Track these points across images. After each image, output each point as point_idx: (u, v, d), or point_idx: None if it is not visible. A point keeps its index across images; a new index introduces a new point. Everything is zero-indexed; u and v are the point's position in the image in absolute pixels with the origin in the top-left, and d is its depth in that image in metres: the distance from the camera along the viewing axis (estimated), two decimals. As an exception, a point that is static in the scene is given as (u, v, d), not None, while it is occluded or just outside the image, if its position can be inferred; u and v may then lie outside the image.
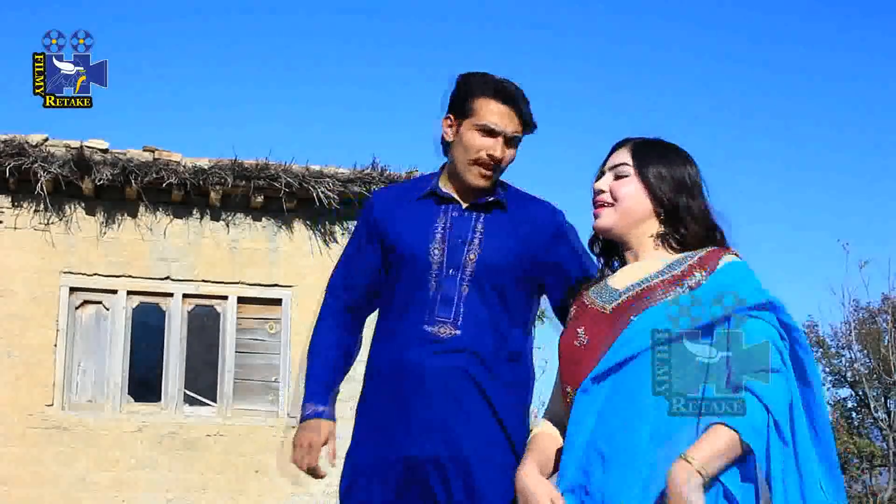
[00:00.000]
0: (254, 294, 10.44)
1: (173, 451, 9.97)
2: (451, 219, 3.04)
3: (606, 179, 2.64)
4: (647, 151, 2.62)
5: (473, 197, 3.06)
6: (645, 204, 2.58)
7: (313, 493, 10.10)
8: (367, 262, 3.13)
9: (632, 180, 2.59)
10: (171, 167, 10.00)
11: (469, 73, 3.08)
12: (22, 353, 9.85)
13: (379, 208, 3.13)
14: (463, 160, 3.01)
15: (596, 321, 2.52)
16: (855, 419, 23.68)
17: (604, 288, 2.59)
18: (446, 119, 3.08)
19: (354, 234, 3.19)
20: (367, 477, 3.05)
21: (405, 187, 3.20)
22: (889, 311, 21.54)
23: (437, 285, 2.98)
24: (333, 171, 10.39)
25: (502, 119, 2.97)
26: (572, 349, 2.53)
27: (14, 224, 10.02)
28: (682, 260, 2.55)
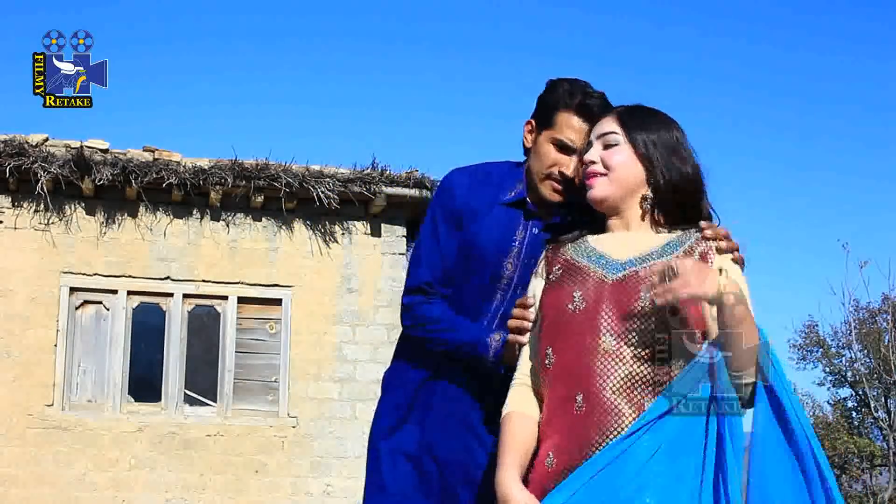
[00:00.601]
0: (254, 294, 10.44)
1: (173, 451, 9.97)
2: (531, 235, 2.94)
3: (596, 149, 2.59)
4: (633, 118, 2.58)
5: (548, 213, 2.94)
6: (637, 171, 2.54)
7: (313, 493, 10.10)
8: (450, 249, 2.97)
9: (622, 148, 2.55)
10: (171, 167, 10.00)
11: (560, 80, 2.94)
12: (22, 353, 9.85)
13: (461, 196, 2.97)
14: (537, 171, 2.90)
15: (596, 289, 2.45)
16: (855, 419, 23.67)
17: (594, 253, 2.54)
18: (528, 124, 2.97)
19: (432, 222, 3.00)
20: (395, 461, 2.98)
21: (490, 178, 3.01)
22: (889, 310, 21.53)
23: (503, 300, 2.92)
24: (333, 171, 10.39)
25: (580, 136, 2.82)
26: (562, 311, 2.47)
27: (14, 224, 10.02)
28: (679, 241, 2.51)
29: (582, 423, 2.38)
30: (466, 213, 2.95)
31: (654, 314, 2.39)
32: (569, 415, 2.41)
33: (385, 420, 3.04)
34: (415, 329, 2.97)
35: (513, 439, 2.51)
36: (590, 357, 2.41)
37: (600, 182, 2.56)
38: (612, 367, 2.39)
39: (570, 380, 2.43)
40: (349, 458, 10.15)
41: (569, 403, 2.41)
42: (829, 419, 23.39)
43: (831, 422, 23.21)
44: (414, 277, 3.00)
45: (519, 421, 2.54)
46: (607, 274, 2.48)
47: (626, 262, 2.48)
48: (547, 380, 2.49)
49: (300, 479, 10.12)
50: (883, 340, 21.89)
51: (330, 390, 10.38)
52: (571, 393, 2.41)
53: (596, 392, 2.38)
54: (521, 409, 2.55)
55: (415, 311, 2.96)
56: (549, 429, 2.47)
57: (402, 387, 3.03)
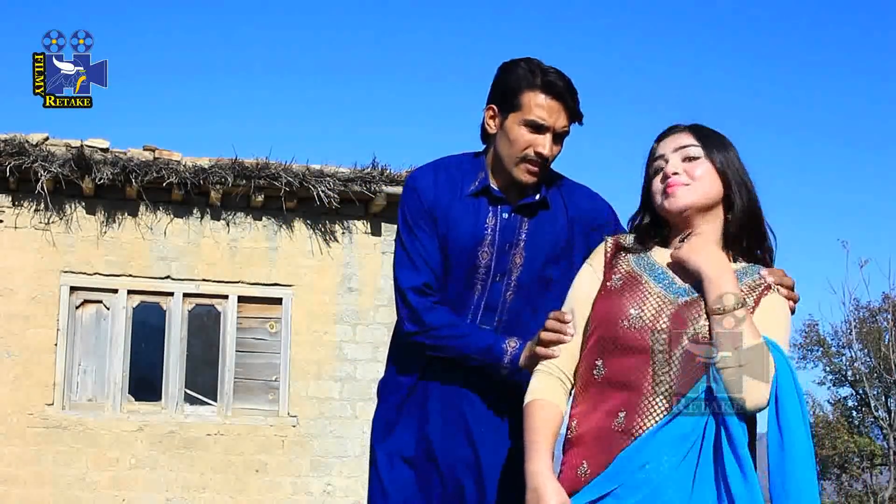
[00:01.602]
0: (254, 293, 10.43)
1: (173, 451, 9.97)
2: (501, 220, 2.91)
3: (676, 161, 2.54)
4: (708, 136, 2.56)
5: (519, 194, 2.93)
6: (718, 186, 2.51)
7: (313, 492, 10.10)
8: (435, 248, 2.92)
9: (704, 162, 2.52)
10: (172, 166, 10.00)
11: (515, 62, 2.90)
12: (22, 353, 9.85)
13: (429, 195, 2.93)
14: (509, 156, 2.87)
15: (655, 310, 2.42)
16: (855, 418, 23.67)
17: (657, 269, 2.51)
18: (489, 109, 2.92)
19: (409, 224, 2.94)
20: (418, 471, 2.93)
21: (450, 173, 2.98)
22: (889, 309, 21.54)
23: (483, 290, 2.90)
24: (334, 171, 10.39)
25: (551, 114, 2.82)
26: (618, 326, 2.43)
27: (14, 223, 10.01)
28: (743, 273, 2.50)
29: (619, 439, 2.37)
30: (437, 210, 2.92)
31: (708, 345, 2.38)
32: (607, 428, 2.39)
33: (381, 426, 3.00)
34: (421, 336, 2.88)
35: (542, 427, 2.47)
36: (639, 378, 2.39)
37: (683, 191, 2.51)
38: (656, 388, 2.38)
39: (616, 396, 2.41)
40: (349, 457, 10.15)
41: (610, 417, 2.40)
42: (830, 418, 23.39)
43: (831, 421, 23.21)
44: (409, 279, 2.91)
45: (548, 409, 2.49)
46: (669, 297, 2.45)
47: (690, 287, 2.46)
48: (591, 389, 2.46)
49: (300, 478, 10.12)
50: (883, 339, 21.89)
51: (330, 389, 10.38)
52: (615, 409, 2.40)
53: (639, 412, 2.37)
54: (548, 397, 2.51)
55: (422, 316, 2.88)
56: (584, 437, 2.44)
57: (395, 392, 2.99)
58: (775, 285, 2.50)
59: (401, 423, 2.96)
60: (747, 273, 2.51)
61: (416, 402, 2.95)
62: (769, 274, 2.52)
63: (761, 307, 2.45)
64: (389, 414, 2.99)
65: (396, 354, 3.04)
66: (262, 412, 10.31)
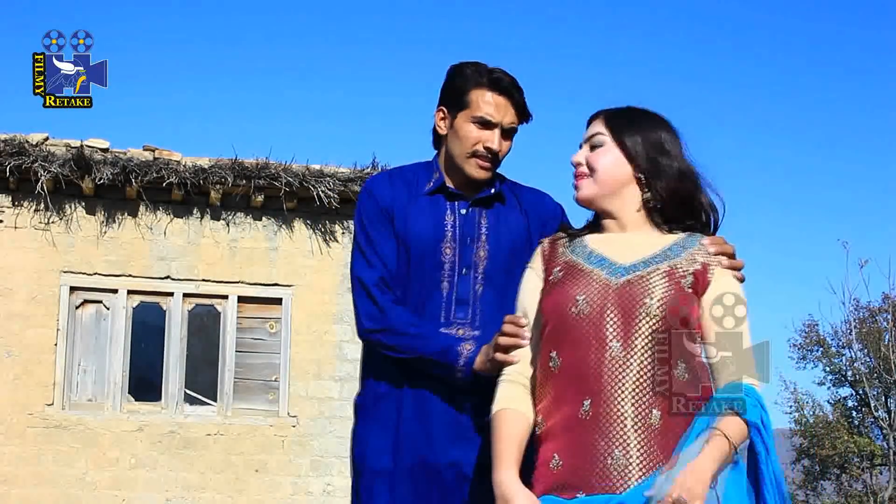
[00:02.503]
0: (254, 293, 10.43)
1: (173, 451, 9.97)
2: (460, 216, 2.97)
3: (583, 152, 2.60)
4: (621, 119, 2.59)
5: (475, 191, 3.00)
6: (624, 169, 2.55)
7: (313, 492, 10.10)
8: (391, 249, 2.94)
9: (608, 149, 2.56)
10: (172, 166, 10.00)
11: (461, 64, 3.00)
12: (22, 353, 9.85)
13: (384, 197, 2.97)
14: (460, 153, 2.94)
15: (600, 293, 2.45)
16: (855, 418, 23.67)
17: (594, 255, 2.53)
18: (439, 111, 3.00)
19: (364, 225, 2.97)
20: (392, 480, 2.91)
21: (405, 177, 3.03)
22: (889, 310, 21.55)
23: (451, 285, 2.92)
24: (333, 171, 10.39)
25: (498, 110, 2.91)
26: (566, 314, 2.45)
27: (14, 223, 10.02)
28: (681, 245, 2.52)
29: (588, 428, 2.38)
30: (394, 210, 2.96)
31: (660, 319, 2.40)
32: (574, 418, 2.40)
33: (367, 445, 2.97)
34: (379, 334, 2.89)
35: (509, 436, 2.49)
36: (597, 363, 2.40)
37: (585, 183, 2.58)
38: (619, 373, 2.38)
39: (576, 384, 2.41)
40: (349, 457, 10.13)
41: (574, 407, 2.40)
42: (830, 418, 23.39)
43: (831, 421, 23.21)
44: (370, 275, 2.92)
45: (514, 417, 2.51)
46: (611, 278, 2.47)
47: (630, 266, 2.48)
48: (551, 382, 2.47)
49: (300, 478, 10.12)
50: (883, 340, 21.89)
51: (330, 389, 10.38)
52: (578, 397, 2.40)
53: (604, 398, 2.38)
54: (514, 405, 2.53)
55: (384, 312, 2.88)
56: (552, 430, 2.45)
57: (374, 406, 2.97)
58: (717, 258, 2.51)
59: (389, 438, 2.92)
60: (687, 243, 2.53)
61: (399, 413, 2.92)
62: (710, 244, 2.53)
63: (711, 287, 2.46)
64: (374, 430, 2.96)
65: (369, 366, 3.02)
66: (262, 412, 10.31)
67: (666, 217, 2.56)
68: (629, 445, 2.35)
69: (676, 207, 2.55)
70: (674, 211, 2.56)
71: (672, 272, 2.46)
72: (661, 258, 2.49)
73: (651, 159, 2.54)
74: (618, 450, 2.35)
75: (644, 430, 2.35)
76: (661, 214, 2.56)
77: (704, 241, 2.54)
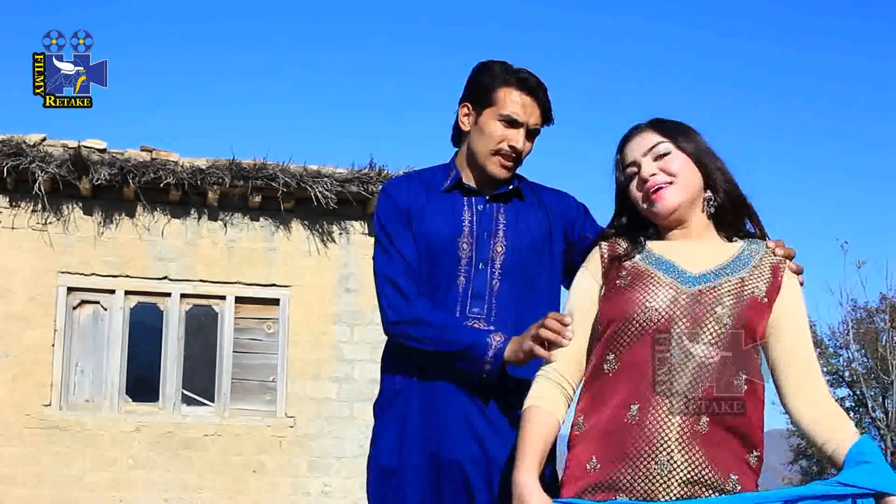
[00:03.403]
0: (252, 294, 10.43)
1: (171, 451, 9.96)
2: (477, 212, 2.97)
3: (649, 163, 2.52)
4: (669, 128, 2.56)
5: (493, 187, 2.99)
6: (697, 175, 2.52)
7: (311, 492, 10.10)
8: (412, 247, 2.95)
9: (677, 155, 2.52)
10: (169, 167, 10.00)
11: (490, 62, 3.00)
12: (20, 353, 9.85)
13: (402, 198, 2.99)
14: (483, 150, 2.95)
15: (671, 300, 2.40)
16: (853, 419, 23.68)
17: (663, 261, 2.49)
18: (463, 107, 3.01)
19: (384, 225, 2.98)
20: (398, 479, 2.90)
21: (423, 178, 3.06)
22: (887, 310, 21.58)
23: (468, 280, 2.92)
24: (331, 171, 10.39)
25: (525, 110, 2.92)
26: (633, 319, 2.41)
27: (12, 224, 10.01)
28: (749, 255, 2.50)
29: (633, 432, 2.35)
30: (412, 211, 2.97)
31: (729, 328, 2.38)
32: (619, 422, 2.37)
33: (379, 443, 2.97)
34: (405, 326, 2.89)
35: (534, 437, 2.45)
36: (654, 370, 2.37)
37: (670, 191, 2.50)
38: (676, 379, 2.35)
39: (629, 389, 2.38)
40: (347, 457, 10.15)
41: (622, 411, 2.37)
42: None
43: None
44: (395, 270, 2.93)
45: (544, 418, 2.47)
46: (682, 286, 2.44)
47: (700, 275, 2.46)
48: (601, 383, 2.44)
49: (298, 478, 10.12)
50: (880, 340, 21.92)
51: (328, 390, 10.37)
52: (627, 401, 2.37)
53: (655, 404, 2.35)
54: (547, 405, 2.49)
55: (411, 303, 2.88)
56: (591, 432, 2.42)
57: (389, 404, 2.97)
58: (785, 260, 2.51)
59: (406, 435, 2.92)
60: (753, 251, 2.52)
61: (417, 410, 2.92)
62: (777, 246, 2.53)
63: (783, 294, 2.47)
64: (391, 428, 2.96)
65: (389, 365, 3.04)
66: (260, 413, 10.31)
67: (727, 222, 2.55)
68: (672, 451, 2.32)
69: (735, 210, 2.54)
70: (733, 214, 2.54)
71: (743, 284, 2.45)
72: (730, 269, 2.47)
73: (709, 163, 2.53)
74: (662, 454, 2.32)
75: (690, 436, 2.33)
76: (721, 220, 2.55)
77: (770, 244, 2.54)
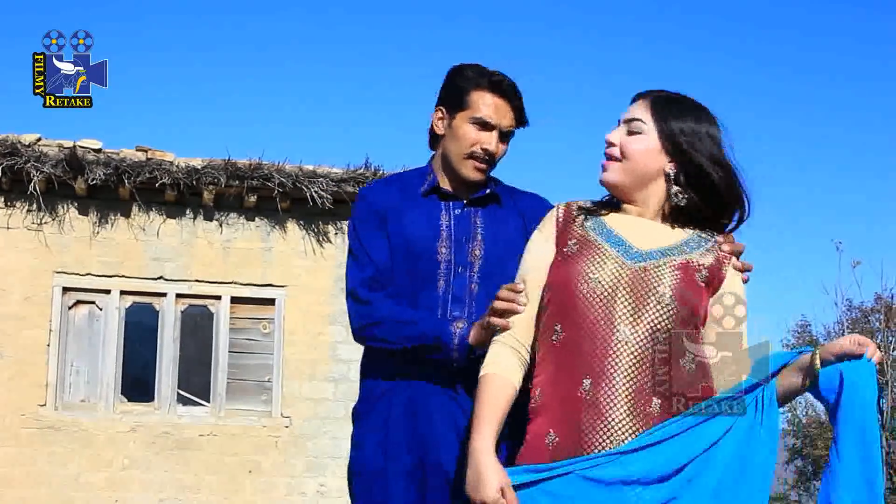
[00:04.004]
0: (247, 294, 10.43)
1: (167, 451, 9.96)
2: (454, 216, 2.99)
3: (619, 132, 2.55)
4: (666, 106, 2.53)
5: (469, 191, 3.02)
6: (658, 163, 2.50)
7: (307, 493, 10.10)
8: (384, 248, 2.96)
9: (645, 138, 2.51)
10: (164, 167, 9.99)
11: (462, 66, 3.02)
12: (15, 353, 9.84)
13: (379, 202, 3.00)
14: (456, 153, 2.96)
15: (614, 274, 2.42)
16: (848, 418, 23.68)
17: (612, 235, 2.50)
18: (437, 111, 3.02)
19: (356, 228, 3.00)
20: (384, 481, 2.90)
21: (399, 183, 3.07)
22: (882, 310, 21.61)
23: (448, 284, 2.93)
24: (326, 171, 10.39)
25: (498, 112, 2.93)
26: (576, 289, 2.43)
27: (7, 224, 10.00)
28: (699, 241, 2.52)
29: (587, 407, 2.36)
30: (388, 213, 2.98)
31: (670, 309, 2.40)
32: (573, 396, 2.38)
33: (362, 448, 2.97)
34: (371, 328, 2.91)
35: (490, 405, 2.46)
36: (603, 344, 2.38)
37: (613, 167, 2.54)
38: (623, 359, 2.37)
39: (579, 362, 2.40)
40: (343, 457, 10.09)
41: (575, 385, 2.39)
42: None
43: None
44: (356, 276, 2.95)
45: (500, 383, 2.48)
46: (627, 261, 2.45)
47: (648, 252, 2.47)
48: (551, 355, 2.46)
49: (294, 479, 10.12)
50: (875, 340, 21.95)
51: (324, 390, 10.37)
52: (579, 375, 2.39)
53: (605, 380, 2.36)
54: (502, 372, 2.50)
55: (372, 307, 2.90)
56: (549, 405, 2.43)
57: (371, 409, 2.98)
58: (730, 258, 2.52)
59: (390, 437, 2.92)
60: (703, 239, 2.53)
61: (399, 410, 2.91)
62: (724, 241, 2.54)
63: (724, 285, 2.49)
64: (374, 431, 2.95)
65: (367, 369, 3.04)
66: (256, 413, 10.30)
67: (686, 215, 2.53)
68: (624, 431, 2.34)
69: (700, 207, 2.52)
70: (696, 209, 2.52)
71: (687, 265, 2.46)
72: (677, 251, 2.48)
73: (687, 155, 2.49)
74: (616, 433, 2.34)
75: (643, 418, 2.35)
76: (681, 212, 2.53)
77: (719, 238, 2.54)
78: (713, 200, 2.52)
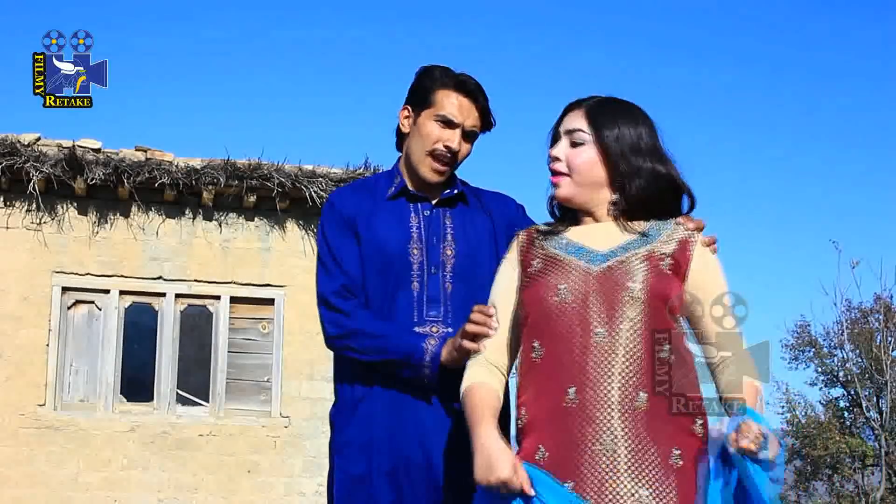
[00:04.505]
0: (246, 294, 10.43)
1: (165, 451, 9.96)
2: (424, 218, 3.00)
3: (562, 146, 2.59)
4: (602, 115, 2.57)
5: (436, 192, 3.03)
6: (601, 172, 2.54)
7: (305, 492, 10.10)
8: (354, 255, 2.97)
9: (588, 148, 2.55)
10: (164, 167, 9.99)
11: (430, 66, 3.06)
12: (14, 353, 9.84)
13: (348, 206, 3.01)
14: (419, 151, 2.99)
15: (582, 281, 2.46)
16: (847, 419, 23.71)
17: (572, 245, 2.54)
18: (404, 110, 3.06)
19: (325, 235, 3.02)
20: (368, 486, 2.89)
21: (367, 187, 3.09)
22: (881, 310, 21.62)
23: (422, 285, 2.94)
24: (326, 171, 10.39)
25: (461, 111, 2.96)
26: (548, 304, 2.46)
27: (6, 224, 10.00)
28: (657, 230, 2.54)
29: (574, 416, 2.37)
30: (357, 219, 2.99)
31: (643, 302, 2.41)
32: (559, 408, 2.39)
33: (343, 452, 2.96)
34: (344, 339, 2.93)
35: (483, 403, 2.48)
36: (582, 351, 2.40)
37: (563, 182, 2.57)
38: (605, 359, 2.38)
39: (560, 373, 2.41)
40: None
41: (558, 396, 2.40)
42: (821, 419, 23.43)
43: (823, 422, 23.26)
44: (327, 285, 2.98)
45: (484, 390, 2.52)
46: (591, 266, 2.48)
47: (609, 252, 2.50)
48: (534, 373, 2.47)
49: (293, 478, 10.12)
50: (874, 340, 21.96)
51: (323, 390, 10.36)
52: (563, 386, 2.40)
53: (590, 385, 2.37)
54: (486, 381, 2.54)
55: (346, 317, 2.92)
56: (536, 422, 2.44)
57: (352, 412, 2.96)
58: (695, 235, 2.54)
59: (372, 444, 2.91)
60: (661, 226, 2.55)
61: (374, 414, 2.91)
62: (685, 220, 2.56)
63: (695, 267, 2.50)
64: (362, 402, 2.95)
65: (341, 375, 3.05)
66: (255, 413, 10.31)
67: (638, 210, 2.56)
68: (616, 430, 2.35)
69: (643, 210, 2.55)
70: (640, 213, 2.56)
71: (651, 255, 2.48)
72: (638, 243, 2.51)
73: (627, 161, 2.53)
74: (605, 435, 2.35)
75: (631, 414, 2.36)
76: (627, 215, 2.56)
77: (679, 219, 2.57)
78: (661, 195, 2.55)
